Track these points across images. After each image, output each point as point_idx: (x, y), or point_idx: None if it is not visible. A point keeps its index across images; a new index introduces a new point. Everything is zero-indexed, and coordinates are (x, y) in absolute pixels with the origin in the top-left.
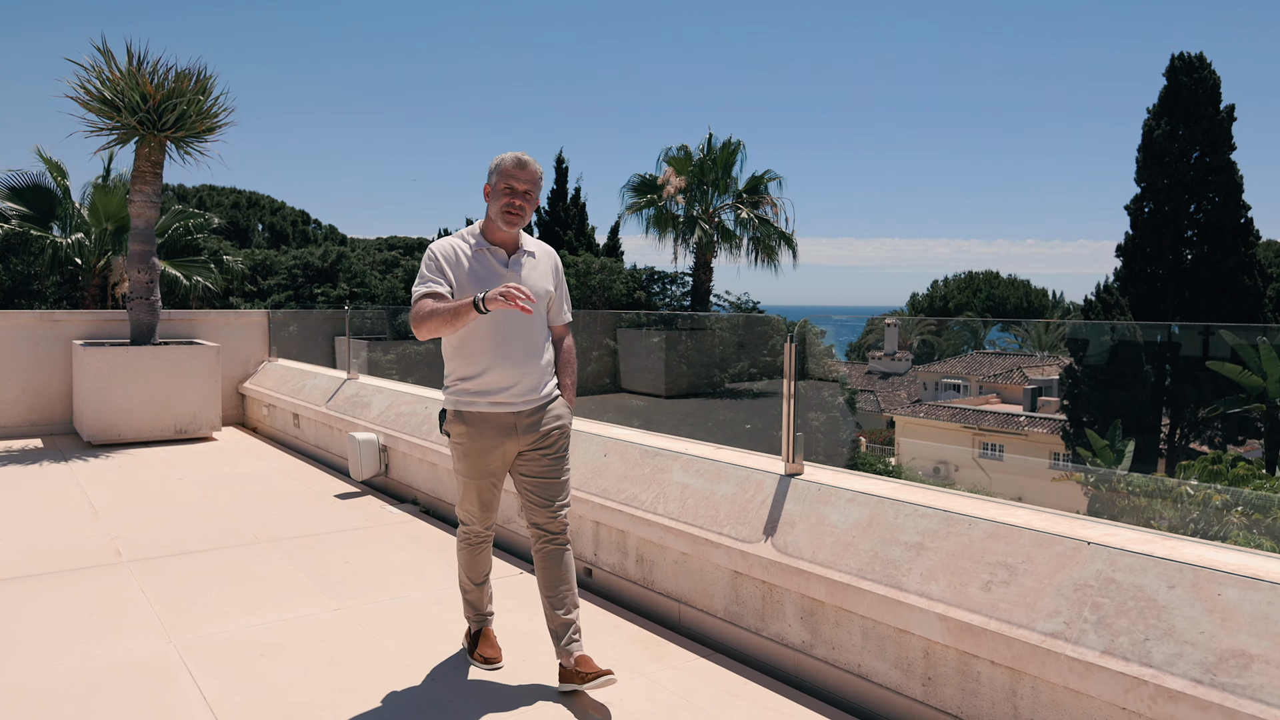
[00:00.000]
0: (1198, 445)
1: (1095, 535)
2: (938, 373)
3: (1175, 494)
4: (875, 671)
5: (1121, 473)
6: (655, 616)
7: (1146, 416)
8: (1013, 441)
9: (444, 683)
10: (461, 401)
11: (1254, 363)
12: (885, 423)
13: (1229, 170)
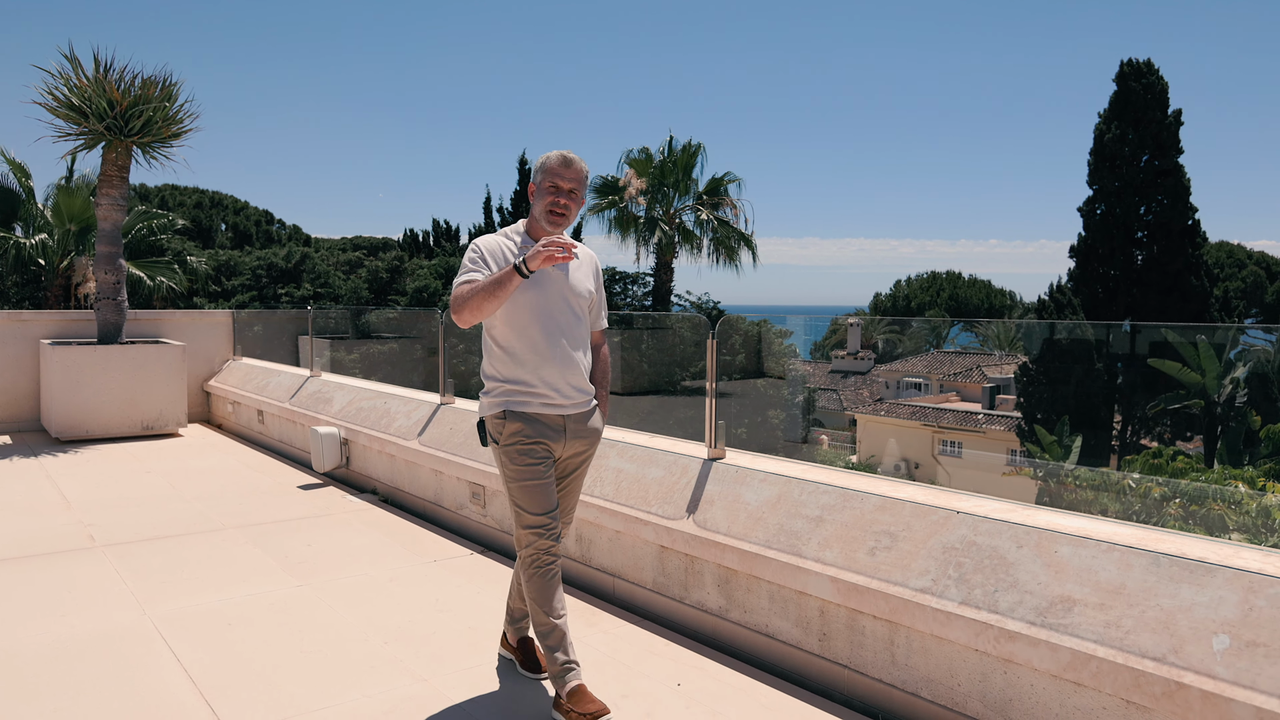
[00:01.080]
0: (1148, 441)
1: (967, 506)
2: (899, 371)
3: (1119, 487)
4: (780, 630)
5: (1069, 467)
6: (593, 590)
7: (1098, 413)
8: (971, 439)
9: (397, 645)
10: (512, 401)
11: (1194, 360)
12: (847, 421)
13: (1177, 173)
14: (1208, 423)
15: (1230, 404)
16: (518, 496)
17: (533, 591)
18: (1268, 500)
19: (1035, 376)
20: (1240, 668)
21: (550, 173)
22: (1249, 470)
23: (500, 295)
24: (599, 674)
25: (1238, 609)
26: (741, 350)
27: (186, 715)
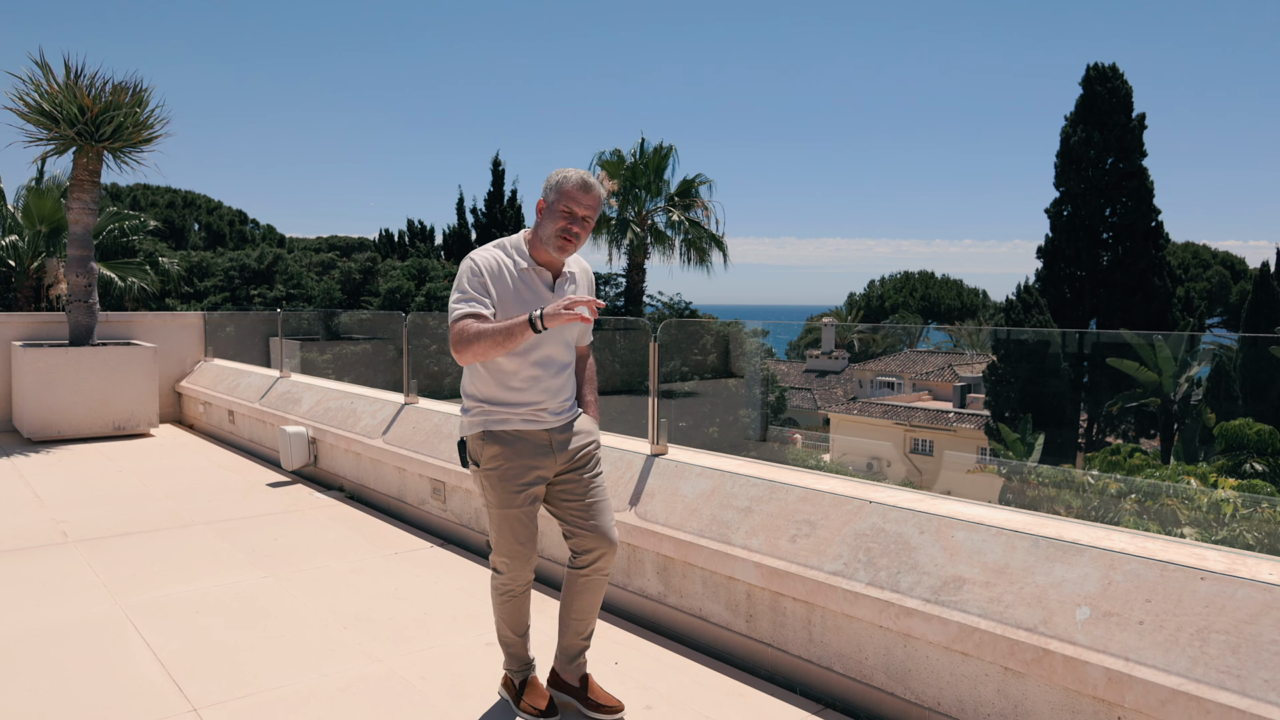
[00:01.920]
0: (1113, 439)
1: (879, 496)
2: (873, 370)
3: (1079, 484)
4: (712, 613)
5: (1032, 464)
6: (545, 580)
7: (1064, 412)
8: (942, 437)
9: (356, 630)
10: (492, 420)
11: (1150, 360)
12: (821, 420)
13: (1141, 176)
14: (1164, 420)
15: (1186, 402)
16: (494, 523)
17: (502, 613)
18: (1218, 495)
19: (1003, 376)
20: (1096, 635)
21: (567, 195)
22: (1203, 466)
23: (509, 346)
24: (543, 655)
25: (1099, 584)
26: (713, 350)
27: (156, 694)
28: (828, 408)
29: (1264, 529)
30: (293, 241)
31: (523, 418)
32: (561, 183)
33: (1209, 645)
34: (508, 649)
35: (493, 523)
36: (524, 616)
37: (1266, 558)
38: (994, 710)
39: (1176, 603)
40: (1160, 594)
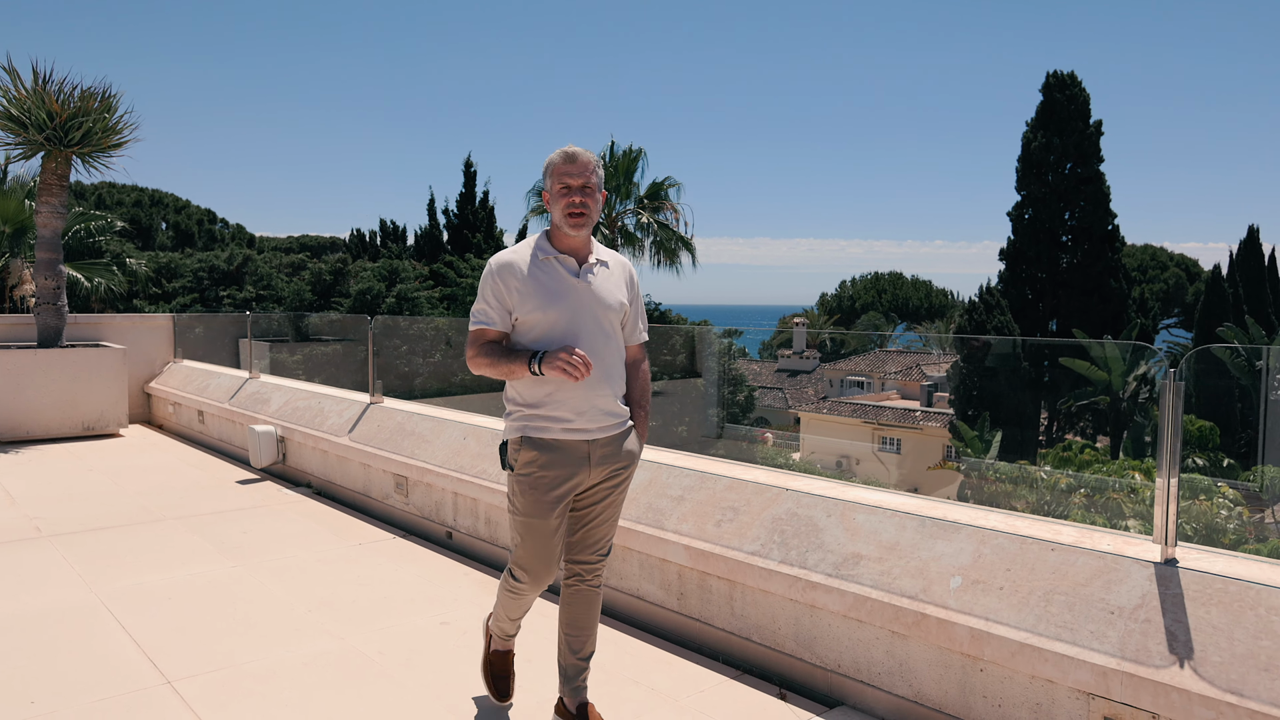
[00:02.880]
0: (1071, 436)
1: (796, 485)
2: (843, 370)
3: (1033, 479)
4: (648, 593)
5: (989, 461)
6: (500, 565)
7: (1024, 410)
8: (909, 435)
9: (320, 612)
10: (531, 427)
11: (1101, 360)
12: (792, 419)
13: (1098, 180)
14: (1113, 417)
15: (1134, 400)
16: (517, 531)
17: (506, 604)
18: None
19: (965, 376)
20: (965, 600)
21: (556, 173)
22: (1149, 461)
23: (509, 378)
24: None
25: (971, 556)
26: (682, 351)
27: (132, 670)
28: (799, 407)
29: (1201, 520)
30: (263, 241)
31: (564, 427)
32: (549, 165)
33: (1052, 605)
34: (497, 625)
35: (516, 530)
36: (525, 609)
37: (1110, 532)
38: (884, 669)
39: (1030, 570)
40: (1019, 563)
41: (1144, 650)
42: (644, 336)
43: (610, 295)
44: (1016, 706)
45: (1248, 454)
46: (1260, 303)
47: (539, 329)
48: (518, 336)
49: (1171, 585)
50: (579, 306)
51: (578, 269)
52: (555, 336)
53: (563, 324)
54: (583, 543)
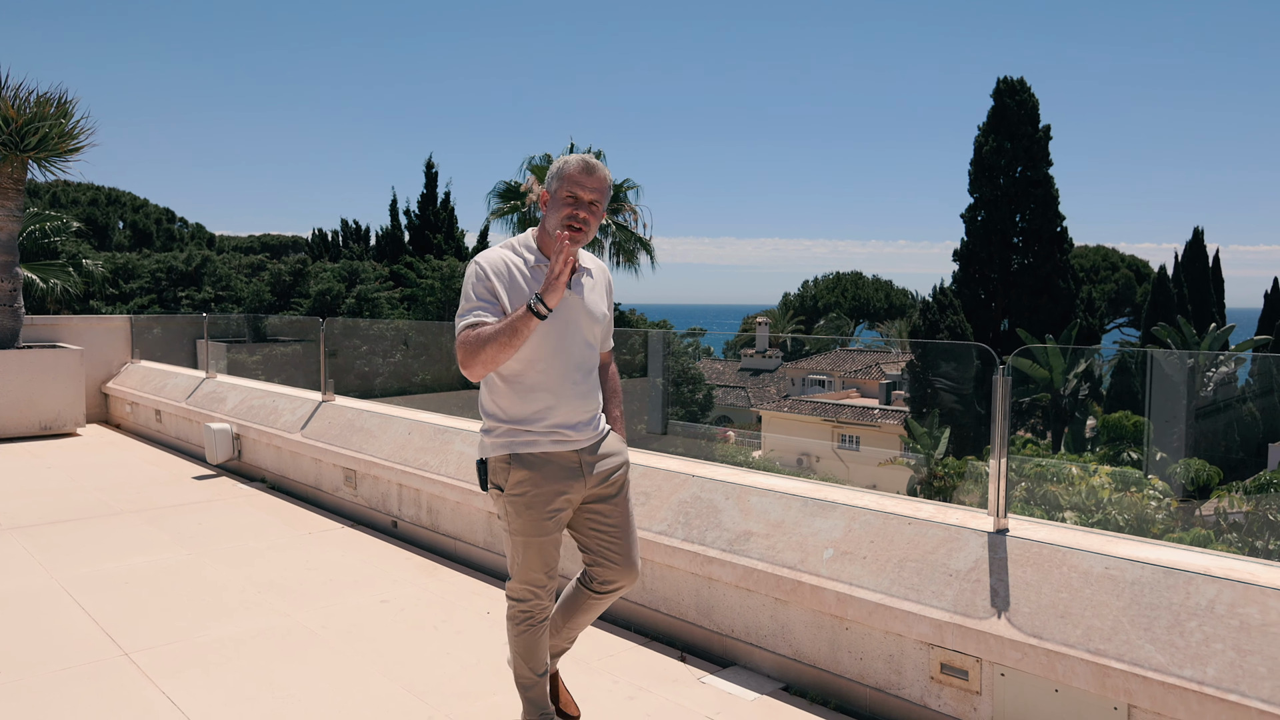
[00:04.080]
0: (1023, 432)
1: (702, 472)
2: (804, 369)
3: (978, 473)
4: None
5: (939, 456)
6: (440, 551)
7: (976, 407)
8: (868, 433)
9: (269, 593)
10: (518, 443)
11: (1043, 358)
12: (754, 418)
13: (1047, 183)
14: (1054, 414)
15: (1074, 397)
16: (520, 551)
17: (520, 646)
18: (1094, 481)
19: (919, 374)
20: (835, 568)
21: (569, 180)
22: (1087, 455)
23: (517, 343)
24: (427, 609)
25: (843, 531)
26: (640, 350)
27: (92, 644)
28: (760, 405)
29: (1132, 510)
30: (223, 240)
31: (553, 439)
32: (563, 168)
33: (904, 570)
34: (526, 693)
35: (514, 550)
36: (544, 651)
37: (960, 508)
38: (768, 632)
39: (890, 542)
40: (881, 536)
41: (972, 605)
42: (612, 343)
43: (596, 307)
44: (874, 659)
45: (1179, 448)
46: (1204, 302)
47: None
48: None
49: (999, 551)
50: (567, 318)
51: (569, 278)
52: (543, 348)
53: (551, 335)
54: (617, 564)
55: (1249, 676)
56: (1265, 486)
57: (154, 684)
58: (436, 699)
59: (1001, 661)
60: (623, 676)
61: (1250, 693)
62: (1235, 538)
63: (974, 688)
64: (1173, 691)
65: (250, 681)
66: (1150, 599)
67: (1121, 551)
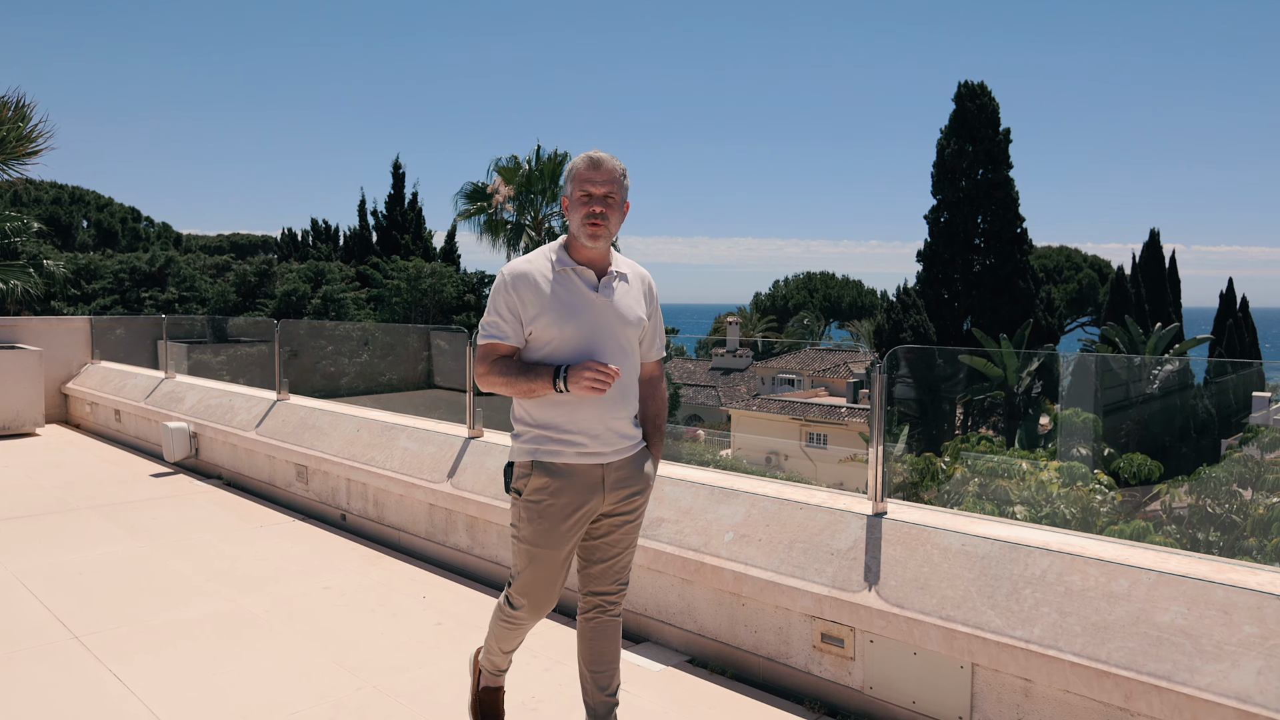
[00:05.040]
0: (986, 430)
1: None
2: (774, 368)
3: (934, 470)
4: (505, 559)
5: (898, 453)
6: (386, 542)
7: (939, 405)
8: (835, 431)
9: (218, 581)
10: (543, 450)
11: (997, 356)
12: (724, 417)
13: (1007, 186)
14: (1008, 411)
15: (1028, 394)
16: (524, 560)
17: (500, 636)
18: (1042, 476)
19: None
20: (734, 550)
21: (578, 179)
22: (1039, 452)
23: (530, 398)
24: (366, 595)
25: (743, 516)
26: None
27: (44, 629)
28: (730, 404)
29: (1078, 504)
30: (190, 240)
31: (578, 451)
32: (570, 169)
33: (793, 550)
34: (490, 658)
35: (520, 558)
36: (520, 641)
37: (848, 494)
38: (676, 610)
39: (782, 526)
40: (775, 520)
41: (849, 580)
42: (662, 353)
43: (630, 310)
44: (767, 631)
45: (1127, 444)
46: (1161, 301)
47: (554, 345)
48: (530, 353)
49: (875, 532)
50: (597, 322)
51: (596, 282)
52: (571, 354)
53: (580, 341)
54: (604, 575)
55: (1066, 634)
56: (1206, 481)
57: (103, 664)
58: (367, 672)
59: (871, 630)
60: (543, 652)
61: (1066, 648)
62: (1174, 529)
63: (849, 654)
64: (1006, 650)
65: (194, 660)
66: (995, 571)
67: (978, 530)
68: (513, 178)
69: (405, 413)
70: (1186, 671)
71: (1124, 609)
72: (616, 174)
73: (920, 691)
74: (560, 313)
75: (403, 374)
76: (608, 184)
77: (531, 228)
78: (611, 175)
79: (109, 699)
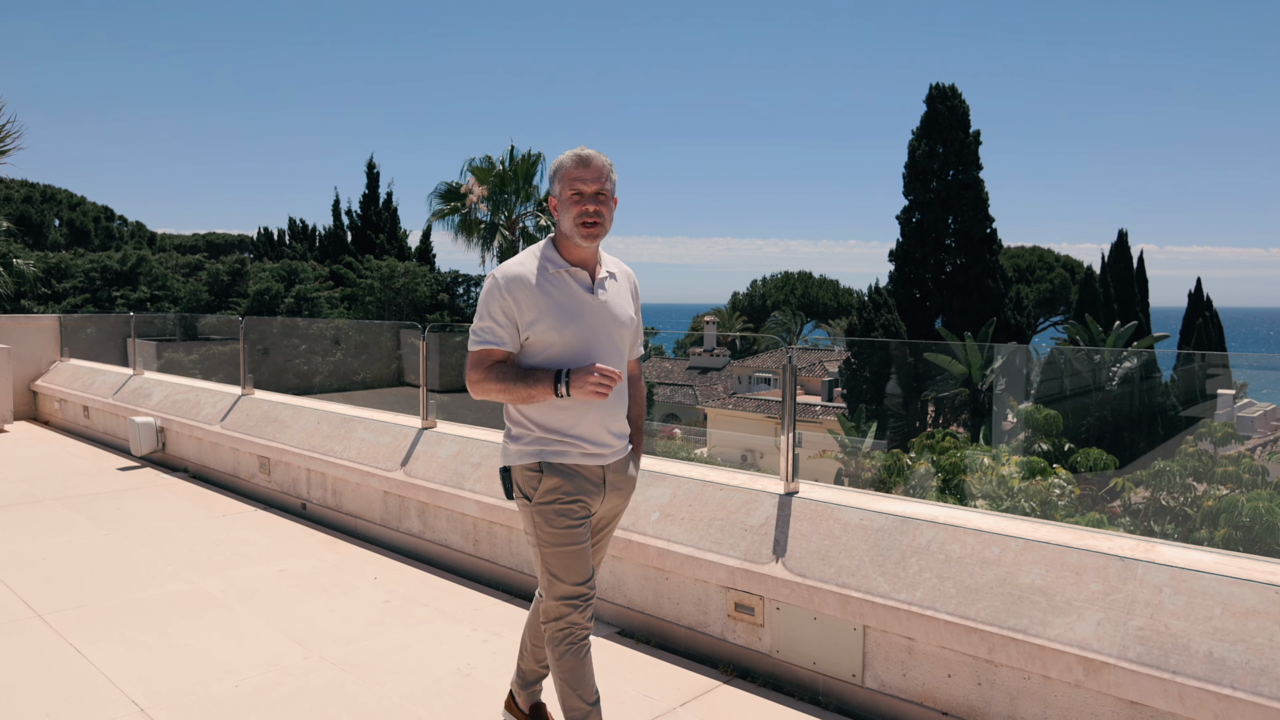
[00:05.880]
0: (956, 426)
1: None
2: (751, 367)
3: (899, 465)
4: (452, 542)
5: (866, 449)
6: (343, 528)
7: (907, 402)
8: (809, 428)
9: (178, 565)
10: (549, 451)
11: (961, 354)
12: (701, 416)
13: (977, 186)
14: (972, 407)
15: (991, 391)
16: (553, 562)
17: (564, 671)
18: (1003, 470)
19: (855, 371)
20: (659, 528)
21: (568, 178)
22: (1001, 447)
23: (528, 404)
24: (320, 576)
25: (669, 497)
26: None
27: (6, 607)
28: (706, 403)
29: (1037, 498)
30: (165, 239)
31: (582, 451)
32: (559, 169)
33: (712, 528)
34: (567, 705)
35: (548, 563)
36: (590, 675)
37: (766, 476)
38: (608, 585)
39: (704, 505)
40: (698, 500)
41: (759, 553)
42: (641, 351)
43: (622, 311)
44: (687, 603)
45: (1087, 439)
46: (1129, 301)
47: (553, 349)
48: (526, 357)
49: (785, 509)
50: (594, 324)
51: (591, 284)
52: (570, 357)
53: (579, 343)
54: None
55: (942, 596)
56: (1160, 474)
57: (65, 639)
58: (313, 644)
59: (777, 598)
60: (483, 625)
61: (941, 608)
62: (1128, 521)
63: (759, 621)
64: (891, 612)
65: (151, 635)
66: (887, 542)
67: (875, 506)
68: (486, 178)
69: (377, 409)
70: (1040, 625)
71: (994, 572)
72: (605, 170)
73: (820, 653)
74: (560, 316)
75: (376, 372)
76: (597, 181)
77: (505, 228)
78: (601, 172)
79: (70, 669)
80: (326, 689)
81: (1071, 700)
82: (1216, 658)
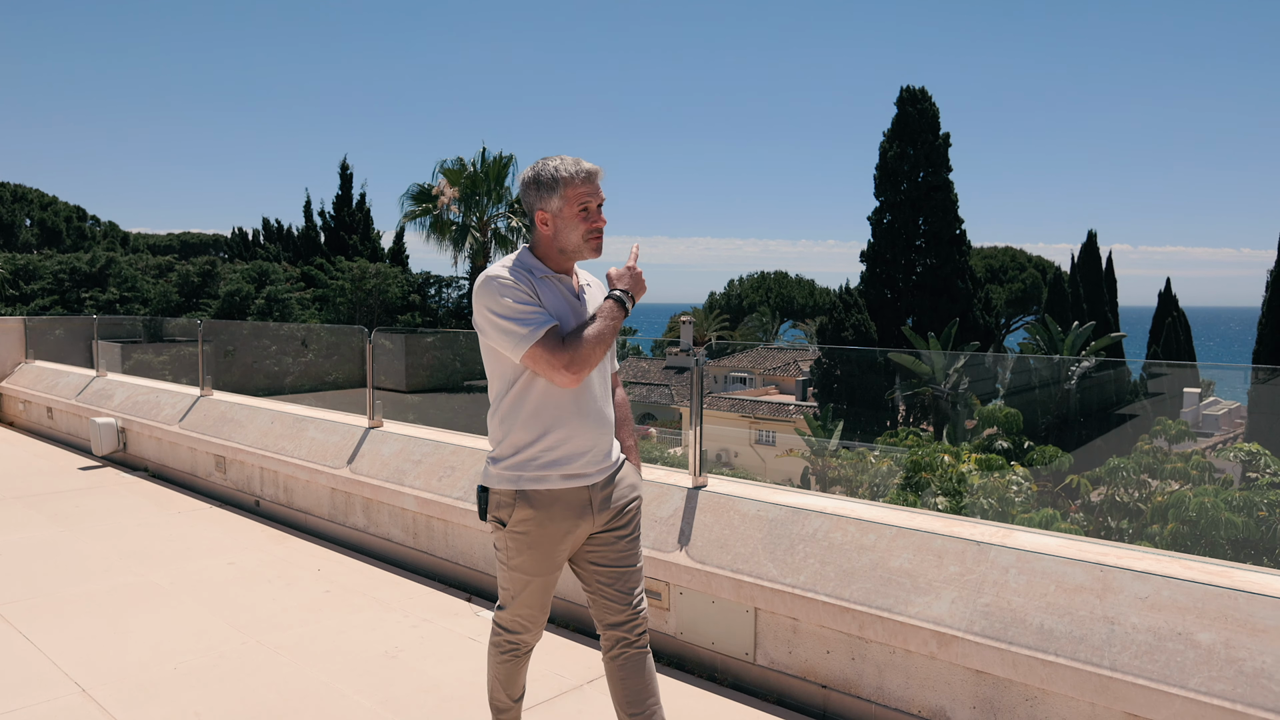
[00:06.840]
0: (925, 425)
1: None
2: (727, 366)
3: (864, 462)
4: (394, 535)
5: (832, 448)
6: (293, 524)
7: (876, 401)
8: (783, 428)
9: (130, 560)
10: (526, 478)
11: (926, 355)
12: (676, 415)
13: (947, 188)
14: (935, 406)
15: (955, 390)
16: (512, 584)
17: (499, 672)
18: (961, 468)
19: (826, 370)
20: None
21: (573, 195)
22: (964, 445)
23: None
24: (266, 569)
25: None
26: None
27: None
28: (682, 403)
29: (995, 494)
30: (138, 239)
31: (563, 473)
32: (558, 181)
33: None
34: (499, 715)
35: (510, 584)
36: (522, 678)
37: (678, 472)
38: None
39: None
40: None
41: (666, 542)
42: (618, 364)
43: None
44: None
45: (1046, 437)
46: (1098, 301)
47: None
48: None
49: (693, 502)
50: None
51: (576, 291)
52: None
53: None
54: (615, 600)
55: (823, 580)
56: (1114, 470)
57: (15, 628)
58: (253, 631)
59: (681, 583)
60: (413, 612)
61: (821, 590)
62: (1082, 517)
63: (665, 606)
64: (778, 595)
65: (99, 624)
66: (779, 530)
67: (772, 498)
68: (458, 179)
69: (339, 410)
70: (903, 604)
71: (869, 557)
72: (600, 177)
73: (718, 634)
74: (558, 316)
75: (346, 373)
76: (599, 193)
77: (477, 229)
78: (598, 183)
79: (17, 655)
80: (260, 670)
81: (928, 671)
82: (1046, 629)
